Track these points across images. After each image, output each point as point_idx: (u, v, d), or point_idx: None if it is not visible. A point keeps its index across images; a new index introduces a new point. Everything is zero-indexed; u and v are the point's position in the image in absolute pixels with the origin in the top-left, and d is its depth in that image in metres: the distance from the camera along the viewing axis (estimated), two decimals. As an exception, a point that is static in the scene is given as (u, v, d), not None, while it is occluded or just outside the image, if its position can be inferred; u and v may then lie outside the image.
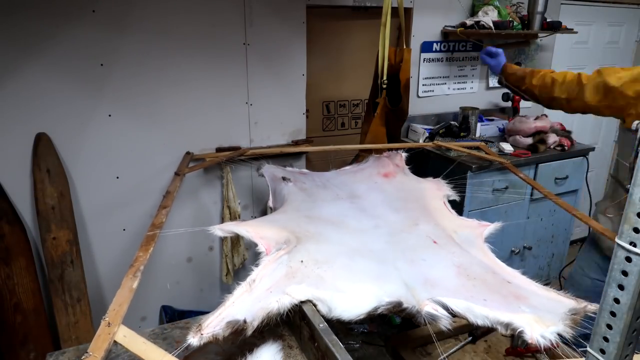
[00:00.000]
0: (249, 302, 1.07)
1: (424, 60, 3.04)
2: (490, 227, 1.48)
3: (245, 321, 1.00)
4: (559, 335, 0.96)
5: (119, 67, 2.10)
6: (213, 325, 0.99)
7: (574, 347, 0.99)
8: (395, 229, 1.53)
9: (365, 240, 1.44)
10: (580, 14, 3.59)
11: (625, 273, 0.64)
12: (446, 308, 1.06)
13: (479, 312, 1.04)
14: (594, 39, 3.78)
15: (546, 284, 1.24)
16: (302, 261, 1.21)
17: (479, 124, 3.05)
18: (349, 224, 1.56)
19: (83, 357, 0.90)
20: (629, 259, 0.63)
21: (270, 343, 1.05)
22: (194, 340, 0.96)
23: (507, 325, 1.01)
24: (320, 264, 1.22)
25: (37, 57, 1.94)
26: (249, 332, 1.00)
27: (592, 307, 1.05)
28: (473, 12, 3.05)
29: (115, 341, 0.95)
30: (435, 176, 2.01)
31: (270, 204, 1.84)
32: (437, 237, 1.45)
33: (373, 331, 1.66)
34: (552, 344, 0.95)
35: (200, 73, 2.28)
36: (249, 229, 1.39)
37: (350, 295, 1.12)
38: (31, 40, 1.92)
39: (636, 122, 0.98)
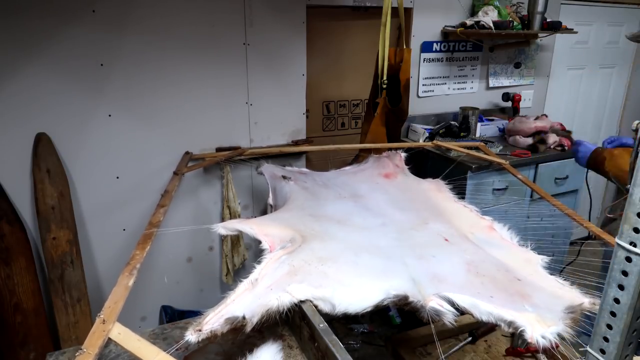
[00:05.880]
0: (249, 299, 1.07)
1: (424, 60, 3.04)
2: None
3: (244, 317, 1.00)
4: (559, 335, 0.97)
5: (119, 67, 2.10)
6: (212, 322, 0.99)
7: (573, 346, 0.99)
8: (404, 227, 1.53)
9: (372, 237, 1.44)
10: (580, 14, 3.59)
11: (625, 273, 0.64)
12: (452, 303, 1.05)
13: (484, 309, 1.04)
14: (594, 39, 3.78)
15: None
16: (305, 260, 1.21)
17: (479, 124, 3.05)
18: (354, 222, 1.56)
19: (77, 353, 0.91)
20: (629, 259, 0.63)
21: (270, 343, 1.05)
22: (192, 337, 0.96)
23: (510, 324, 1.01)
24: (325, 261, 1.22)
25: (37, 57, 1.94)
26: (248, 328, 1.00)
27: (588, 304, 1.06)
28: (473, 12, 3.05)
29: (110, 338, 0.95)
30: (434, 176, 2.02)
31: (271, 201, 1.84)
32: (449, 236, 1.45)
33: (373, 331, 1.65)
34: (551, 345, 0.95)
35: (200, 73, 2.28)
36: (254, 227, 1.39)
37: (355, 289, 1.12)
38: (31, 40, 1.92)
39: (636, 122, 0.98)
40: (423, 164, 2.63)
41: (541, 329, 0.97)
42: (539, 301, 1.10)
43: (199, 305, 2.53)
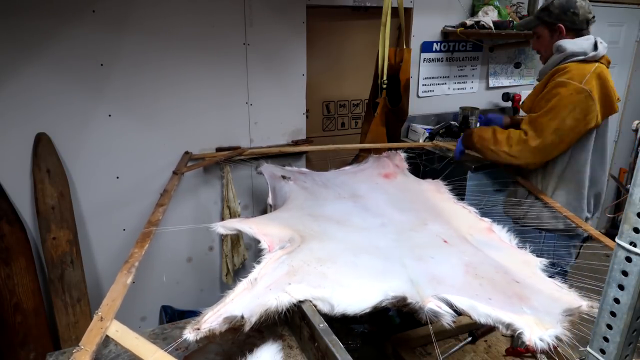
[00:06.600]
0: (247, 298, 1.07)
1: (424, 60, 3.04)
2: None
3: (242, 317, 1.00)
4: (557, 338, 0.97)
5: (119, 67, 2.10)
6: (211, 320, 0.99)
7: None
8: (403, 227, 1.53)
9: (371, 238, 1.44)
10: (580, 14, 3.58)
11: (625, 273, 0.64)
12: (450, 305, 1.06)
13: (482, 311, 1.04)
14: (594, 39, 3.77)
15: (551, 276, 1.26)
16: (304, 261, 1.21)
17: (479, 124, 3.05)
18: (353, 222, 1.56)
19: (75, 350, 0.90)
20: (629, 259, 0.63)
21: (270, 343, 1.05)
22: (190, 335, 0.96)
23: (508, 326, 1.01)
24: (324, 262, 1.22)
25: (37, 57, 1.94)
26: (247, 327, 1.00)
27: (586, 307, 1.06)
28: (473, 12, 3.05)
29: (107, 336, 0.95)
30: (434, 176, 2.02)
31: (270, 201, 1.85)
32: (448, 237, 1.45)
33: (373, 331, 1.66)
34: (549, 348, 0.95)
35: (200, 73, 2.28)
36: (253, 226, 1.39)
37: (354, 290, 1.12)
38: (31, 40, 1.92)
39: (636, 122, 0.99)
40: (423, 164, 2.62)
41: (539, 332, 0.97)
42: (538, 304, 1.10)
43: (199, 305, 2.53)
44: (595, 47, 1.87)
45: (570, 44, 1.87)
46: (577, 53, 1.85)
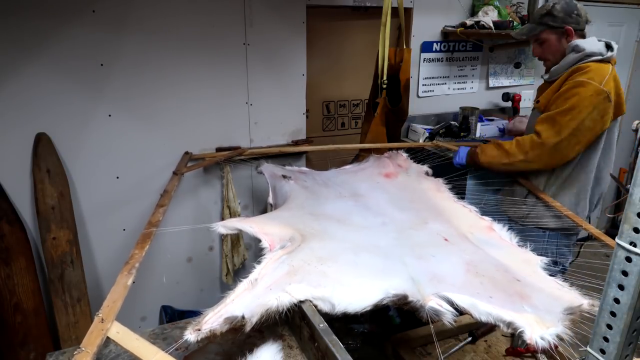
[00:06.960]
0: (248, 298, 1.07)
1: (424, 60, 3.04)
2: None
3: (243, 317, 1.00)
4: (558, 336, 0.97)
5: (119, 67, 2.10)
6: (211, 321, 0.99)
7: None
8: (403, 226, 1.53)
9: (372, 237, 1.44)
10: (580, 14, 3.58)
11: (625, 273, 0.64)
12: (451, 303, 1.06)
13: (483, 309, 1.04)
14: (594, 39, 3.78)
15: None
16: (304, 260, 1.21)
17: (479, 124, 3.05)
18: (354, 221, 1.56)
19: (75, 352, 0.90)
20: (629, 259, 0.63)
21: (271, 343, 1.05)
22: (191, 336, 0.96)
23: (509, 324, 1.01)
24: (324, 261, 1.22)
25: (37, 57, 1.94)
26: (247, 328, 1.00)
27: (587, 306, 1.06)
28: (473, 12, 3.05)
29: (108, 337, 0.95)
30: (434, 176, 2.02)
31: (270, 200, 1.85)
32: (449, 236, 1.45)
33: (373, 331, 1.66)
34: (550, 346, 0.95)
35: (200, 73, 2.28)
36: (253, 225, 1.39)
37: (354, 289, 1.12)
38: (31, 40, 1.92)
39: (636, 122, 0.99)
40: (423, 164, 2.62)
41: (540, 330, 0.97)
42: (538, 302, 1.10)
43: (199, 305, 2.53)
44: (609, 48, 1.89)
45: (587, 44, 1.87)
46: (595, 53, 1.86)
